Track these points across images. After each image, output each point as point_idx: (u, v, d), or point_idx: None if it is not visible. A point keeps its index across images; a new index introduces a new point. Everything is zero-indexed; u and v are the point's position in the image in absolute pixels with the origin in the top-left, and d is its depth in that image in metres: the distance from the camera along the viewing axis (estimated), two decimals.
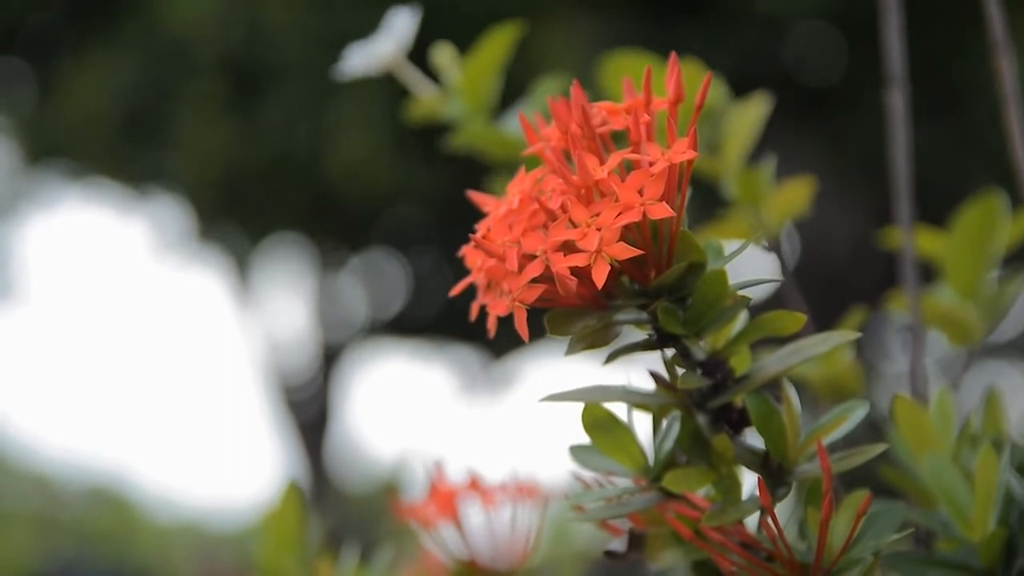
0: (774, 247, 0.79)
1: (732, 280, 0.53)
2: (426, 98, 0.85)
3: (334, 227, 4.55)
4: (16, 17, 4.27)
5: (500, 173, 0.84)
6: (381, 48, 0.83)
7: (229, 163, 3.96)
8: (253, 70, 3.77)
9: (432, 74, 0.86)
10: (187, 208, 4.62)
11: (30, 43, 4.32)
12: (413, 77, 0.84)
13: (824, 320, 0.83)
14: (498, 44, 0.83)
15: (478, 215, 0.55)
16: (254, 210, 4.31)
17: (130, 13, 3.99)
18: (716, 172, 0.82)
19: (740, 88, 0.84)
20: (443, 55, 0.85)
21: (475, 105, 0.84)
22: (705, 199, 0.53)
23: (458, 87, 0.84)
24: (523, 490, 0.80)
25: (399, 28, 0.83)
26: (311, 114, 3.72)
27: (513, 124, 0.84)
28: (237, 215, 4.44)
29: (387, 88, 0.85)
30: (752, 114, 0.82)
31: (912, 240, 0.81)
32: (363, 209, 4.18)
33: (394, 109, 0.87)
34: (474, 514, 0.79)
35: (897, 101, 0.82)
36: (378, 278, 5.20)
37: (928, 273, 0.86)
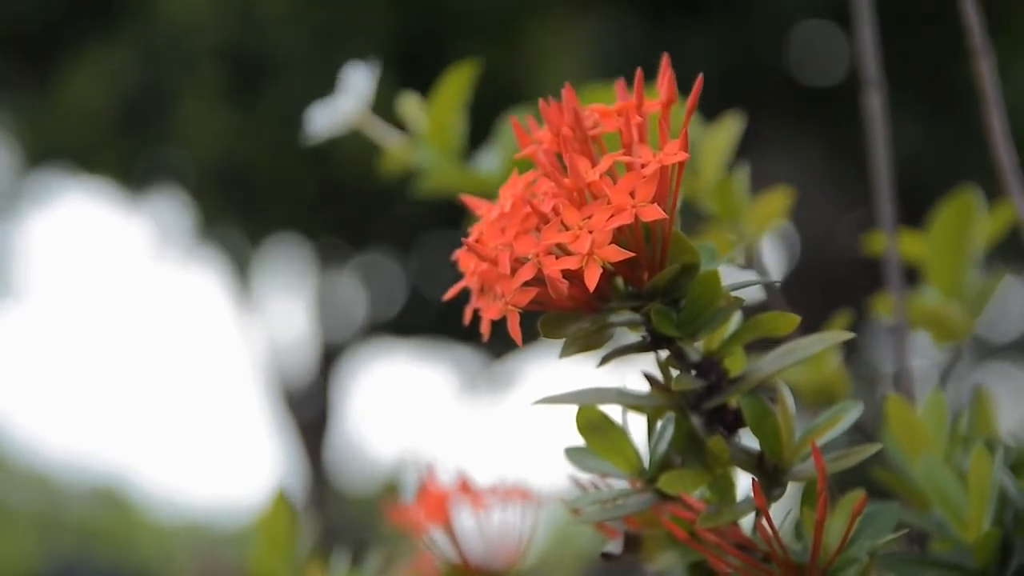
0: (755, 261, 0.79)
1: (725, 282, 0.53)
2: (395, 148, 0.84)
3: (335, 224, 4.55)
4: (15, 16, 4.27)
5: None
6: (343, 107, 0.82)
7: (229, 155, 3.96)
8: (252, 61, 3.78)
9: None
10: (188, 206, 4.63)
11: (29, 41, 4.32)
12: (380, 129, 0.84)
13: (823, 320, 0.83)
14: (459, 82, 0.83)
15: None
16: (255, 206, 4.31)
17: (128, 7, 3.99)
18: (693, 191, 0.82)
19: (740, 88, 0.84)
20: (409, 104, 0.85)
21: (443, 147, 0.83)
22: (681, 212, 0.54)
23: (425, 136, 0.84)
24: (515, 492, 0.80)
25: (358, 84, 0.82)
26: (311, 104, 3.72)
27: (484, 164, 0.84)
28: (238, 212, 4.44)
29: (389, 76, 0.85)
30: (724, 135, 0.82)
31: (895, 241, 0.81)
32: (365, 203, 4.18)
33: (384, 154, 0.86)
34: (467, 516, 0.80)
35: (874, 103, 0.83)
36: (379, 278, 5.21)
37: (917, 274, 0.86)
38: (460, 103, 0.83)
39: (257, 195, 4.25)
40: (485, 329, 0.52)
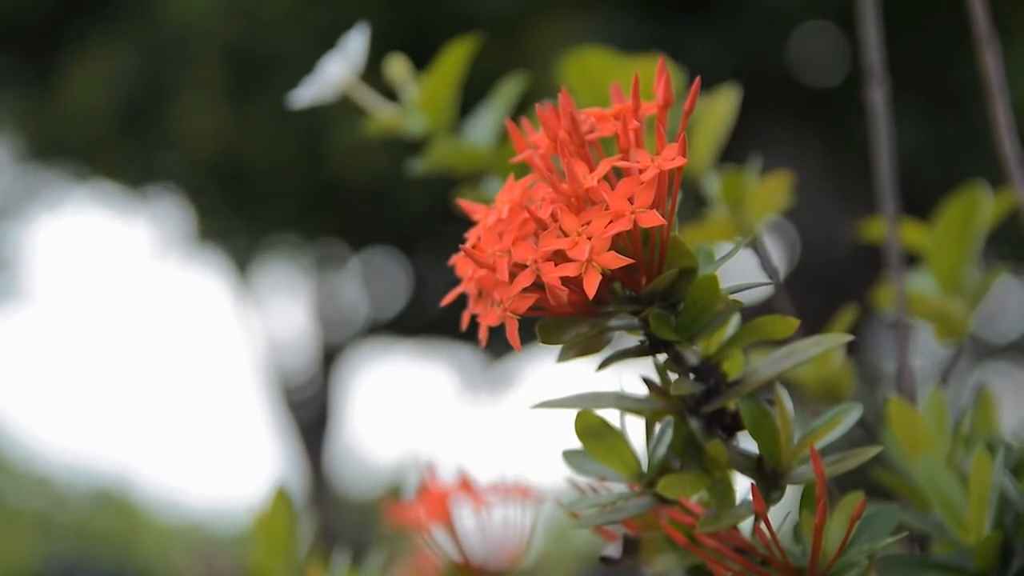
0: (759, 247, 0.79)
1: (723, 284, 0.53)
2: (383, 116, 0.84)
3: (335, 224, 4.55)
4: (15, 13, 4.26)
5: (466, 185, 0.83)
6: (333, 72, 0.82)
7: (229, 154, 3.96)
8: (253, 60, 3.77)
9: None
10: (188, 207, 4.62)
11: (30, 39, 4.31)
12: (369, 97, 0.84)
13: (824, 320, 0.83)
14: (456, 59, 0.83)
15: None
16: (255, 205, 4.31)
17: (129, 5, 3.99)
18: (688, 168, 0.81)
19: (741, 88, 0.84)
20: (397, 69, 0.84)
21: (436, 121, 0.83)
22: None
23: (417, 103, 0.83)
24: (515, 491, 0.80)
25: (350, 50, 0.82)
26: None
27: (476, 133, 0.83)
28: (238, 211, 4.44)
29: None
30: (721, 107, 0.81)
31: (897, 234, 0.81)
32: (364, 202, 4.18)
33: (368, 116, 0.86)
34: (467, 515, 0.80)
35: (877, 97, 0.82)
36: (379, 277, 5.20)
37: (914, 260, 0.86)
38: (456, 77, 0.83)
39: (257, 194, 4.25)
40: (483, 335, 0.52)
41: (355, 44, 0.82)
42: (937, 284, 0.82)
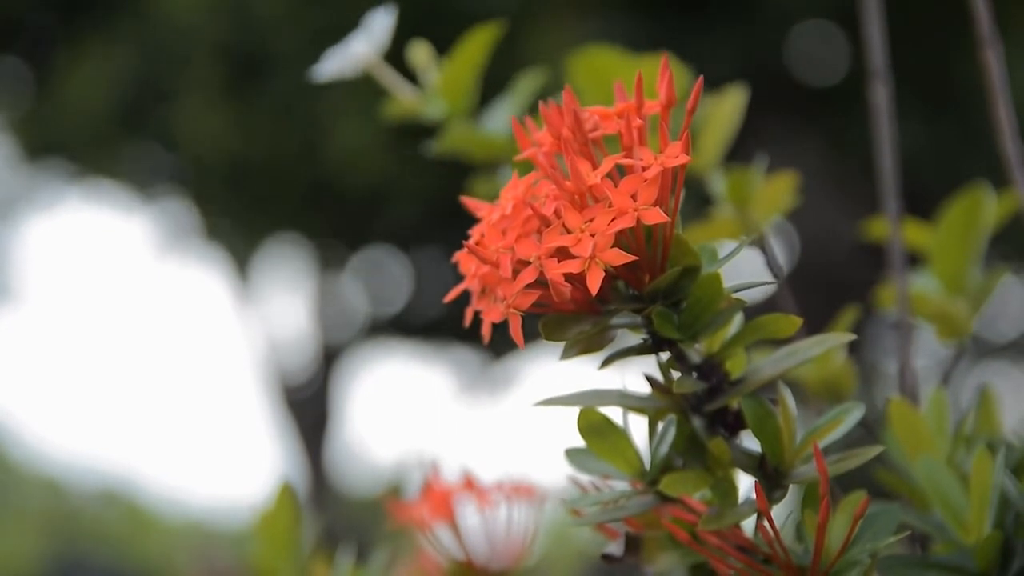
0: (764, 246, 0.79)
1: (726, 282, 0.53)
2: (404, 98, 0.84)
3: (334, 224, 4.55)
4: (11, 14, 4.27)
5: (481, 174, 0.83)
6: (356, 50, 0.82)
7: (228, 154, 3.96)
8: (250, 60, 3.77)
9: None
10: (187, 207, 4.62)
11: (26, 39, 4.31)
12: (391, 78, 0.84)
13: (824, 320, 0.83)
14: (478, 45, 0.83)
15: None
16: (254, 206, 4.31)
17: (127, 4, 3.99)
18: (694, 167, 0.82)
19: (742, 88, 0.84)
20: (420, 54, 0.84)
21: (456, 106, 0.83)
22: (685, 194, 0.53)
23: (438, 88, 0.83)
24: (518, 490, 0.80)
25: (375, 29, 0.82)
26: (308, 103, 3.72)
27: (494, 123, 0.83)
28: (237, 211, 4.44)
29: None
30: (728, 106, 0.81)
31: (900, 234, 0.81)
32: (362, 203, 4.18)
33: (389, 98, 0.86)
34: (470, 514, 0.80)
35: (880, 96, 0.82)
36: (378, 278, 5.20)
37: (916, 260, 0.86)
38: (478, 65, 0.83)
39: (257, 193, 4.25)
40: (486, 332, 0.52)
41: (380, 24, 0.82)
42: (940, 284, 0.82)
